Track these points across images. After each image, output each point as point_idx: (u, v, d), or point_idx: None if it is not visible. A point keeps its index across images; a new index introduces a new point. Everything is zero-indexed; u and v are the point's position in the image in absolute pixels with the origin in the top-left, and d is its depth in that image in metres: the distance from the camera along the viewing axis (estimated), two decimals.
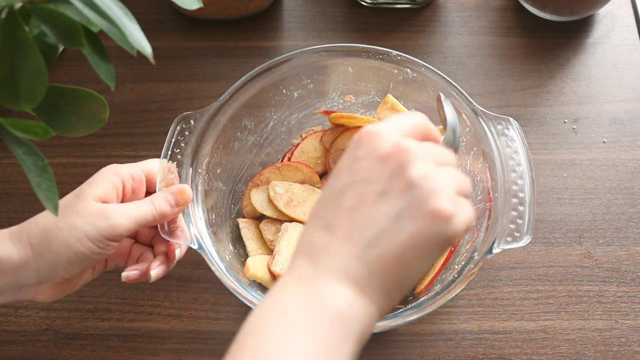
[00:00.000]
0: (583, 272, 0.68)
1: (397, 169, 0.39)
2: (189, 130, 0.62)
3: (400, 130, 0.42)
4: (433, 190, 0.38)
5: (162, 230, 0.56)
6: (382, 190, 0.39)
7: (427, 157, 0.40)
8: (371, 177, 0.40)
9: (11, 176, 0.74)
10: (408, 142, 0.40)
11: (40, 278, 0.51)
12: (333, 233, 0.40)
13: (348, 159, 0.42)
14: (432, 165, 0.40)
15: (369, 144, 0.41)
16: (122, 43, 0.38)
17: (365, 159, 0.41)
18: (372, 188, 0.40)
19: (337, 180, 0.42)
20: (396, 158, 0.40)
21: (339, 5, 0.87)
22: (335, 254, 0.39)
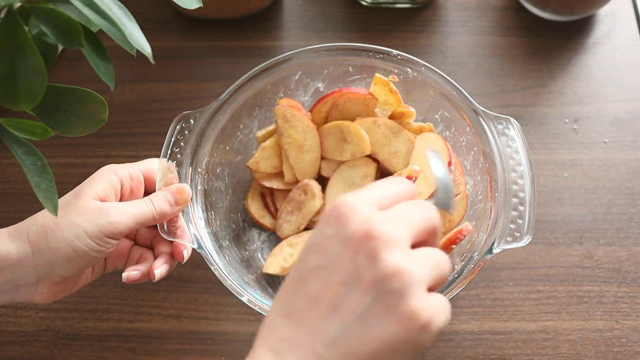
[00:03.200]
0: (584, 272, 0.68)
1: (365, 258, 0.35)
2: (188, 129, 0.61)
3: (374, 202, 0.38)
4: (404, 291, 0.34)
5: (162, 230, 0.56)
6: (349, 280, 0.35)
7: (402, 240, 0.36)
8: (337, 263, 0.36)
9: (11, 176, 0.74)
10: (379, 221, 0.36)
11: (38, 276, 0.51)
12: (298, 324, 0.36)
13: (318, 235, 0.38)
14: (406, 254, 0.35)
15: (338, 221, 0.37)
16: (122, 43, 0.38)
17: (333, 240, 0.37)
18: (338, 276, 0.36)
19: (304, 260, 0.38)
20: (365, 243, 0.35)
21: (339, 5, 0.86)
22: (299, 350, 0.35)
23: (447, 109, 0.65)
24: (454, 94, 0.64)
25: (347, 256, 0.36)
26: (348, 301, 0.35)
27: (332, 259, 0.36)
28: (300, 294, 0.37)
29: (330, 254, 0.37)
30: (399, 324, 0.34)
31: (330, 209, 0.38)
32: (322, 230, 0.38)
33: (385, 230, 0.36)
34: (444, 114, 0.66)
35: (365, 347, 0.34)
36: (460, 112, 0.64)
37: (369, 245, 0.35)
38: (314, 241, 0.38)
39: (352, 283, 0.35)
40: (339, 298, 0.35)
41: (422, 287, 0.35)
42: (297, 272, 0.38)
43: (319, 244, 0.37)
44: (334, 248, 0.37)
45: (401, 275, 0.34)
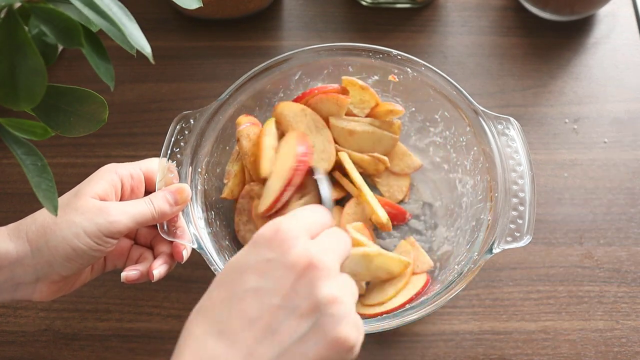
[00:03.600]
0: (584, 272, 0.68)
1: (306, 285, 0.38)
2: (188, 129, 0.61)
3: (308, 230, 0.40)
4: (340, 318, 0.37)
5: (162, 230, 0.56)
6: (289, 305, 0.37)
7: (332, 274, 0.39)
8: (278, 288, 0.38)
9: (11, 176, 0.74)
10: (317, 251, 0.39)
11: (38, 275, 0.51)
12: (232, 345, 0.37)
13: (256, 257, 0.39)
14: (338, 284, 0.39)
15: (280, 247, 0.39)
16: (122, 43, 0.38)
17: (274, 264, 0.38)
18: (278, 300, 0.37)
19: (241, 280, 0.39)
20: (306, 272, 0.38)
21: (339, 5, 0.86)
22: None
23: (447, 109, 0.65)
24: (454, 94, 0.64)
25: (288, 282, 0.38)
26: (286, 325, 0.37)
27: (272, 282, 0.38)
28: (235, 314, 0.37)
29: (270, 277, 0.38)
30: (333, 347, 0.37)
31: (269, 232, 0.40)
32: (259, 252, 0.39)
33: (324, 261, 0.39)
34: (444, 114, 0.66)
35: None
36: (460, 112, 0.64)
37: (310, 274, 0.38)
38: (250, 262, 0.39)
39: (291, 308, 0.37)
40: (276, 322, 0.37)
41: (353, 312, 0.39)
42: (230, 291, 0.39)
43: (257, 266, 0.39)
44: (274, 272, 0.38)
45: (337, 304, 0.37)
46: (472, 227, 0.61)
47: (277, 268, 0.38)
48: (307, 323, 0.37)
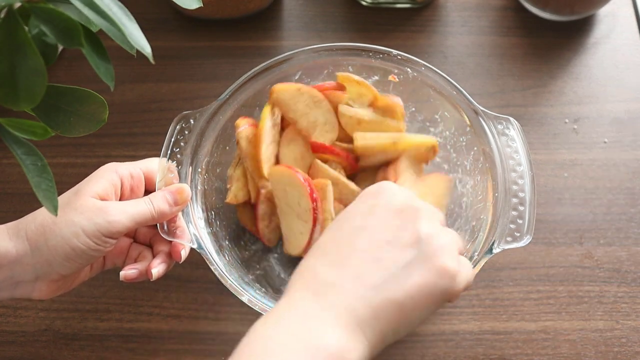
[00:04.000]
0: (584, 272, 0.68)
1: (409, 223, 0.42)
2: (188, 129, 0.61)
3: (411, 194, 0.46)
4: (441, 247, 0.41)
5: (162, 230, 0.56)
6: (394, 239, 0.42)
7: (434, 217, 0.44)
8: (385, 226, 0.42)
9: (11, 176, 0.74)
10: (419, 201, 0.45)
11: (37, 274, 0.51)
12: (342, 269, 0.41)
13: (363, 204, 0.45)
14: (438, 225, 0.44)
15: (386, 196, 0.44)
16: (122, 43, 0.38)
17: (380, 208, 0.43)
18: (384, 235, 0.42)
19: (349, 221, 0.44)
20: (409, 213, 0.43)
21: (339, 5, 0.86)
22: (342, 292, 0.40)
23: (447, 109, 0.65)
24: (454, 94, 0.64)
25: (393, 221, 0.43)
26: (391, 255, 0.41)
27: (380, 222, 0.43)
28: (348, 247, 0.42)
29: (378, 218, 0.43)
30: (434, 273, 0.40)
31: (377, 187, 0.46)
32: (369, 201, 0.45)
33: (426, 205, 0.45)
34: (444, 114, 0.66)
35: (404, 291, 0.39)
36: (460, 112, 0.64)
37: (412, 214, 0.43)
38: (360, 209, 0.45)
39: (395, 242, 0.42)
40: (381, 252, 0.41)
41: (452, 248, 0.42)
42: (342, 231, 0.44)
43: (366, 211, 0.44)
44: (382, 214, 0.43)
45: (436, 237, 0.42)
46: (472, 227, 0.61)
47: (382, 210, 0.43)
48: (410, 253, 0.41)
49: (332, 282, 0.40)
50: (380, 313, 0.39)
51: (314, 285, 0.41)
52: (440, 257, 0.41)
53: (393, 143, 0.63)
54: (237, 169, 0.65)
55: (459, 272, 0.41)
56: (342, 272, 0.41)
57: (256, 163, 0.63)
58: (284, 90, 0.63)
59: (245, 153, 0.63)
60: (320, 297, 0.40)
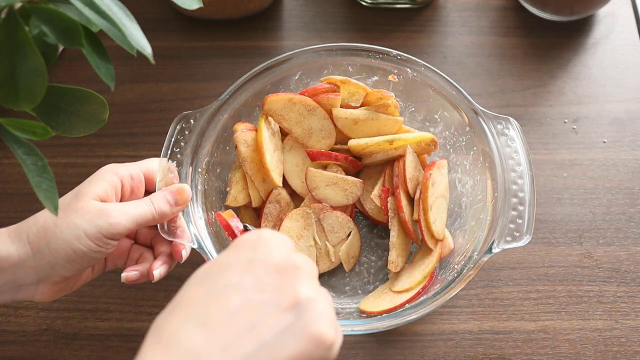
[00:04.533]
0: (583, 272, 0.68)
1: (288, 284, 0.39)
2: (188, 129, 0.62)
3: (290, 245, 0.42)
4: (320, 314, 0.38)
5: (162, 230, 0.56)
6: (271, 301, 0.38)
7: (312, 275, 0.41)
8: (261, 285, 0.38)
9: (11, 176, 0.74)
10: (300, 258, 0.41)
11: (39, 277, 0.51)
12: (209, 336, 0.36)
13: (238, 257, 0.40)
14: (316, 285, 0.40)
15: (264, 249, 0.40)
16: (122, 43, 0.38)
17: (257, 263, 0.39)
18: (261, 296, 0.38)
19: (221, 276, 0.39)
20: (288, 271, 0.39)
21: (339, 5, 0.87)
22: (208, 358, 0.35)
23: (447, 109, 0.66)
24: (453, 94, 0.64)
25: (270, 279, 0.39)
26: (266, 320, 0.37)
27: (257, 279, 0.39)
28: (217, 307, 0.37)
29: (256, 274, 0.39)
30: (312, 342, 0.37)
31: (252, 236, 0.41)
32: (241, 252, 0.41)
33: (305, 265, 0.41)
34: (444, 114, 0.66)
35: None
36: (459, 112, 0.64)
37: (292, 274, 0.39)
38: (231, 261, 0.40)
39: (272, 304, 0.38)
40: (257, 316, 0.37)
41: (332, 316, 0.39)
42: (210, 286, 0.39)
43: (239, 264, 0.40)
44: (257, 270, 0.39)
45: (317, 302, 0.38)
46: (472, 226, 0.61)
47: (260, 266, 0.39)
48: (288, 318, 0.37)
49: (196, 352, 0.35)
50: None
51: (175, 354, 0.35)
52: (319, 325, 0.37)
53: (389, 142, 0.64)
54: (236, 172, 0.65)
55: (335, 341, 0.38)
56: (209, 339, 0.36)
57: (264, 172, 0.63)
58: (275, 101, 0.63)
59: (243, 157, 0.63)
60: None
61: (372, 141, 0.64)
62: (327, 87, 0.65)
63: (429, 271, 0.61)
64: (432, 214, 0.61)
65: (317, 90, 0.64)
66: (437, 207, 0.62)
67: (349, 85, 0.66)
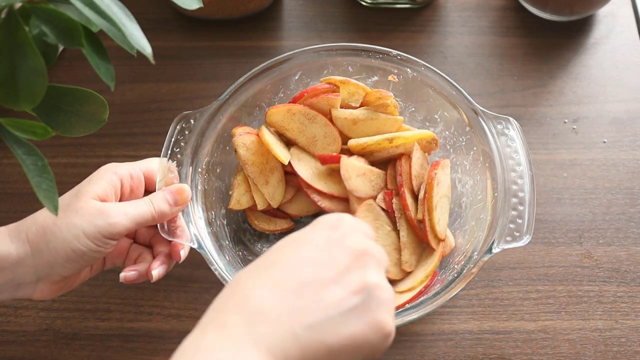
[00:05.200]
0: (583, 272, 0.68)
1: (360, 267, 0.41)
2: (188, 129, 0.62)
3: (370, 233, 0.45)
4: (385, 302, 0.40)
5: (162, 230, 0.56)
6: (341, 280, 0.40)
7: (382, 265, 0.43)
8: (335, 264, 0.41)
9: (11, 176, 0.74)
10: (374, 247, 0.43)
11: (38, 276, 0.51)
12: (280, 298, 0.39)
13: (318, 235, 0.43)
14: (383, 275, 0.42)
15: (342, 231, 0.43)
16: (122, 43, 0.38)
17: (334, 243, 0.42)
18: (332, 274, 0.40)
19: (299, 249, 0.42)
20: (362, 256, 0.41)
21: (339, 5, 0.87)
22: (275, 325, 0.38)
23: (447, 109, 0.66)
24: (453, 94, 0.64)
25: (344, 260, 0.41)
26: (335, 297, 0.39)
27: (330, 257, 0.41)
28: (289, 276, 0.40)
29: (329, 253, 0.41)
30: (373, 328, 0.39)
31: (333, 218, 0.44)
32: (322, 231, 0.43)
33: (378, 253, 0.43)
34: (444, 114, 0.66)
35: (337, 339, 0.38)
36: (459, 112, 0.64)
37: (364, 259, 0.41)
38: (312, 237, 0.43)
39: (342, 284, 0.40)
40: (326, 292, 0.39)
41: (392, 308, 0.41)
42: (288, 256, 0.42)
43: (318, 241, 0.42)
44: (333, 250, 0.41)
45: (383, 290, 0.41)
46: (472, 226, 0.61)
47: (337, 247, 0.42)
48: (354, 300, 0.39)
49: (266, 312, 0.38)
50: (308, 355, 0.38)
51: (246, 311, 0.38)
52: (382, 313, 0.40)
53: (389, 141, 0.64)
54: (238, 175, 0.65)
55: (392, 332, 0.40)
56: (279, 302, 0.39)
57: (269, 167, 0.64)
58: (275, 113, 0.63)
59: (244, 160, 0.63)
60: (252, 326, 0.38)
61: (371, 140, 0.64)
62: (327, 87, 0.64)
63: (431, 270, 0.61)
64: (437, 213, 0.61)
65: (317, 91, 0.64)
66: (441, 206, 0.62)
67: (348, 86, 0.66)
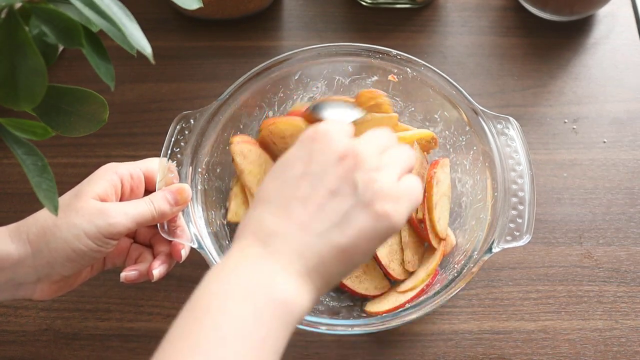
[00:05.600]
0: (583, 272, 0.68)
1: (349, 170, 0.42)
2: (188, 129, 0.62)
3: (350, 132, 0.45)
4: (377, 192, 0.42)
5: (162, 230, 0.56)
6: (334, 187, 0.42)
7: (373, 155, 0.43)
8: (325, 173, 0.43)
9: (11, 176, 0.74)
10: (359, 142, 0.44)
11: (39, 275, 0.51)
12: (286, 218, 0.42)
13: (303, 149, 0.44)
14: (377, 162, 0.43)
15: (326, 140, 0.44)
16: (122, 43, 0.38)
17: (321, 154, 0.43)
18: (325, 184, 0.42)
19: (290, 167, 0.44)
20: (349, 159, 0.43)
21: (339, 5, 0.87)
22: (288, 239, 0.41)
23: (447, 109, 0.66)
24: (453, 94, 0.64)
25: (334, 168, 0.43)
26: (333, 203, 0.42)
27: (320, 169, 0.43)
28: (290, 195, 0.43)
29: (319, 164, 0.43)
30: (372, 218, 0.41)
31: (312, 131, 0.45)
32: (309, 145, 0.44)
33: (363, 148, 0.43)
34: (444, 114, 0.66)
35: (346, 238, 0.41)
36: (459, 112, 0.64)
37: (353, 159, 0.43)
38: (300, 154, 0.44)
39: (336, 190, 0.42)
40: (324, 200, 0.42)
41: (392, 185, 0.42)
42: (283, 177, 0.44)
43: (305, 157, 0.44)
44: (322, 160, 0.43)
45: (374, 182, 0.42)
46: (472, 226, 0.61)
47: (323, 157, 0.43)
48: (349, 201, 0.42)
49: (278, 231, 0.41)
50: (326, 258, 0.41)
51: (260, 233, 0.42)
52: (376, 203, 0.41)
53: None
54: (235, 186, 0.65)
55: (396, 212, 0.42)
56: (287, 221, 0.42)
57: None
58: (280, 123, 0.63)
59: (241, 169, 0.63)
60: (268, 245, 0.41)
61: None
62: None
63: (432, 269, 0.61)
64: (437, 212, 0.61)
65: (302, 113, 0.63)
66: (441, 205, 0.62)
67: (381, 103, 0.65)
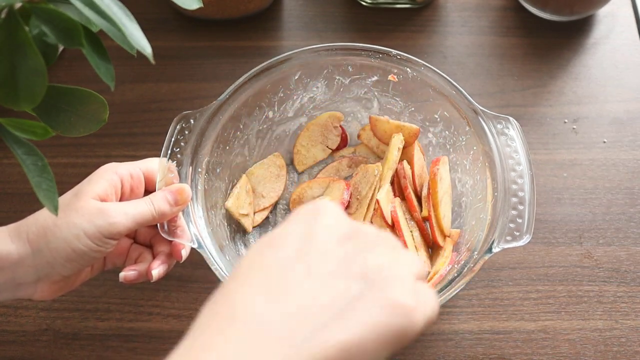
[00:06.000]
0: (583, 272, 0.68)
1: (355, 252, 0.36)
2: (188, 129, 0.62)
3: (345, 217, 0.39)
4: (393, 278, 0.34)
5: (162, 230, 0.56)
6: (338, 270, 0.35)
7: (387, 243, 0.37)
8: (326, 254, 0.36)
9: (11, 176, 0.74)
10: (366, 226, 0.38)
11: (39, 275, 0.51)
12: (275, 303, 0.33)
13: (298, 226, 0.37)
14: (391, 251, 0.37)
15: (326, 218, 0.37)
16: (122, 43, 0.38)
17: (322, 232, 0.37)
18: (326, 267, 0.35)
19: (281, 247, 0.36)
20: (355, 240, 0.36)
21: (339, 5, 0.87)
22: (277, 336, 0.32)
23: (447, 109, 0.66)
24: (453, 94, 0.64)
25: (336, 249, 0.36)
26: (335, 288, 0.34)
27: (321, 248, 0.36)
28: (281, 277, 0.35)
29: (319, 243, 0.36)
30: (386, 310, 0.33)
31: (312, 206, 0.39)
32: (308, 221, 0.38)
33: (371, 230, 0.38)
34: (444, 114, 0.66)
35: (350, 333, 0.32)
36: (459, 112, 0.64)
37: (359, 241, 0.36)
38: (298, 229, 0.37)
39: (339, 273, 0.35)
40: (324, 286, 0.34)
41: (408, 279, 0.35)
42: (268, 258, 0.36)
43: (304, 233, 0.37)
44: (323, 238, 0.36)
45: (390, 268, 0.35)
46: (472, 226, 0.61)
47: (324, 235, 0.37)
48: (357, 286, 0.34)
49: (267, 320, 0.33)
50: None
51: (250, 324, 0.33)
52: (391, 290, 0.34)
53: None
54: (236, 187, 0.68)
55: (416, 308, 0.34)
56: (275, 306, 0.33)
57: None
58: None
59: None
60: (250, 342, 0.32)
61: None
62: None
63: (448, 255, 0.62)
64: (442, 209, 0.62)
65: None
66: (445, 202, 0.63)
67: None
